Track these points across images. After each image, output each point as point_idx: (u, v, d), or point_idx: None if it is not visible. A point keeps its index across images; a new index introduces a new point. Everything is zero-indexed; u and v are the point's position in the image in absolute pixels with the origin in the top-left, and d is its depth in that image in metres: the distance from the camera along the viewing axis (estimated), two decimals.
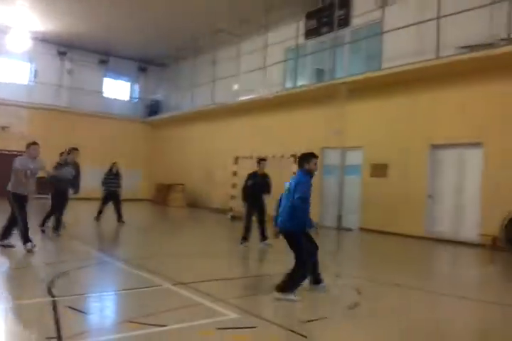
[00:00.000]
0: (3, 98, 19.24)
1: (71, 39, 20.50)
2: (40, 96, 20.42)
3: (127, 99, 24.30)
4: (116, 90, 23.73)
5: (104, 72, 22.96)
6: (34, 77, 20.85)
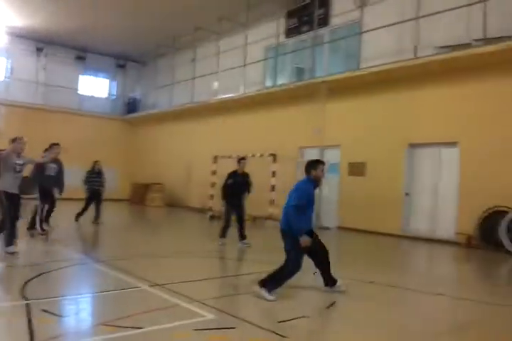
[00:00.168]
0: None
1: (49, 35, 20.15)
2: (17, 93, 19.99)
3: (105, 96, 23.94)
4: (94, 87, 23.33)
5: (82, 69, 22.61)
6: (10, 73, 20.41)
